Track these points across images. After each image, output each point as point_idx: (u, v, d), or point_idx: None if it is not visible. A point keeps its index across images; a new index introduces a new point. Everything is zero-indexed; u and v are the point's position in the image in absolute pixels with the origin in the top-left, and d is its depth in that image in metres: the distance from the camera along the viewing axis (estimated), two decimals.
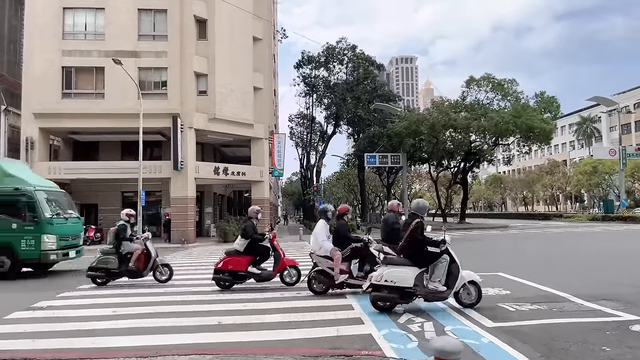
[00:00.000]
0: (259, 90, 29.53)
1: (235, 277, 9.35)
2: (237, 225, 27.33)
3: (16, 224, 12.04)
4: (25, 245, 11.97)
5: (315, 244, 8.76)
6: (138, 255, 10.20)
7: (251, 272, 9.33)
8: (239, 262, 9.33)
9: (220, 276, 9.34)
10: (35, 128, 24.71)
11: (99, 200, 28.68)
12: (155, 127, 25.18)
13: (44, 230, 12.14)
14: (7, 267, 11.90)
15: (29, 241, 12.00)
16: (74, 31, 25.29)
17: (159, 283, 10.27)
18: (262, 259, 9.65)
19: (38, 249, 12.03)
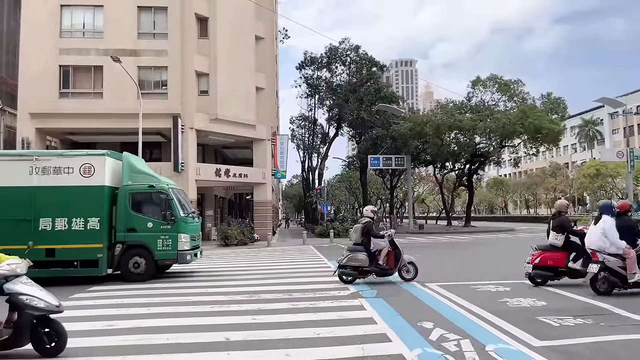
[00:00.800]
0: (261, 91, 28.85)
1: (556, 273, 9.12)
2: (239, 229, 26.62)
3: (152, 223, 11.50)
4: (162, 245, 11.47)
5: (600, 241, 8.12)
6: (387, 253, 10.02)
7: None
8: (558, 258, 9.14)
9: (540, 272, 9.13)
10: (32, 128, 23.97)
11: None
12: (155, 127, 24.45)
13: (180, 229, 11.65)
14: (143, 268, 11.31)
15: (166, 241, 11.50)
16: (71, 29, 24.61)
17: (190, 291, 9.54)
18: (578, 255, 9.22)
19: (175, 249, 11.53)
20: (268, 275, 11.76)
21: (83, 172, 11.21)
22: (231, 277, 11.71)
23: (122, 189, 11.70)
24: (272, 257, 17.95)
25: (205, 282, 10.87)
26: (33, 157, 11.30)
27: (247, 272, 12.67)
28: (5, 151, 21.18)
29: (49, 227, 11.02)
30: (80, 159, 11.33)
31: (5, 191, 10.97)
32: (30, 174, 11.08)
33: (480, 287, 9.13)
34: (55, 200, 11.04)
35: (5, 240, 9.94)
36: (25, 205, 10.96)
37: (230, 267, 14.33)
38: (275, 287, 9.71)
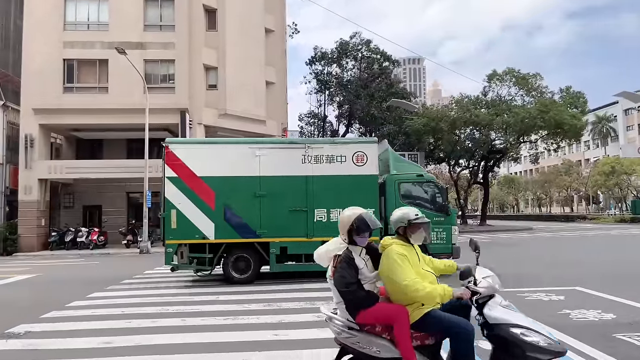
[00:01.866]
0: (271, 85, 27.87)
1: None
2: None
3: (425, 214, 10.45)
4: (437, 238, 10.74)
5: None
6: None
7: None
8: None
9: None
10: (35, 124, 23.17)
11: (103, 201, 27.09)
12: (162, 123, 23.58)
13: (452, 221, 11.03)
14: None
15: (440, 234, 10.80)
16: (75, 22, 23.77)
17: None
18: None
19: (449, 242, 10.84)
20: (283, 278, 10.74)
21: (356, 161, 10.69)
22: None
23: (389, 178, 11.06)
24: None
25: (214, 288, 9.88)
26: (306, 145, 10.82)
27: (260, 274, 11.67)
28: (278, 139, 21.03)
29: (324, 218, 10.49)
30: (352, 146, 10.86)
31: (280, 181, 10.45)
32: (303, 162, 10.58)
33: (528, 296, 8.05)
34: (329, 190, 10.53)
35: (282, 232, 10.16)
36: (301, 196, 10.46)
37: None
38: (294, 294, 8.70)
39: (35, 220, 22.98)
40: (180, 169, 10.27)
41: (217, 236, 10.19)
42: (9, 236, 22.55)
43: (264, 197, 10.29)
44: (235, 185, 10.34)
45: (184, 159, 10.32)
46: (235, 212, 10.27)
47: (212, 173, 10.33)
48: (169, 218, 10.17)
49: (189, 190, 10.22)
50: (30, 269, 15.08)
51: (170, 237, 10.16)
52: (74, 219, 26.53)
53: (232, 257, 10.35)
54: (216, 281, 10.90)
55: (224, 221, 10.23)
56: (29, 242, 22.71)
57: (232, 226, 10.25)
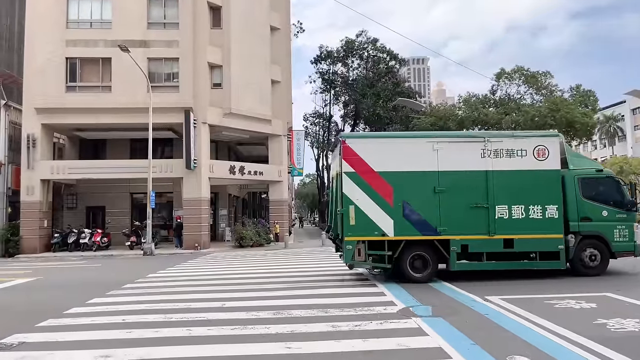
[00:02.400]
0: (276, 84, 27.38)
1: None
2: (254, 229, 25.23)
3: (606, 211, 10.45)
4: (619, 236, 10.39)
5: None
6: None
7: None
8: None
9: None
10: (37, 124, 22.80)
11: (106, 202, 26.74)
12: (166, 122, 23.18)
13: (634, 218, 10.67)
14: (598, 261, 10.37)
15: (622, 231, 10.43)
16: (78, 19, 23.34)
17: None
18: None
19: (631, 241, 10.43)
20: (293, 284, 10.26)
21: (537, 155, 10.33)
22: (250, 286, 10.23)
23: (568, 173, 10.65)
24: (293, 260, 16.46)
25: (221, 294, 9.39)
26: (485, 139, 10.43)
27: (268, 279, 11.19)
28: (456, 132, 20.63)
29: (506, 214, 10.14)
30: (533, 140, 10.46)
31: (459, 176, 10.17)
32: (482, 157, 10.24)
33: (557, 303, 7.52)
34: (510, 185, 10.19)
35: (462, 229, 9.91)
36: (481, 191, 10.15)
37: (248, 272, 12.86)
38: (305, 301, 8.21)
39: (37, 221, 22.60)
40: (358, 164, 10.07)
41: (396, 233, 9.96)
42: (11, 238, 22.18)
43: (444, 193, 10.05)
44: (414, 180, 10.12)
45: (361, 154, 10.12)
46: (414, 209, 10.05)
47: (390, 168, 10.12)
48: (347, 214, 9.92)
49: (366, 186, 10.01)
50: (31, 271, 14.67)
51: (349, 233, 9.92)
52: (77, 220, 26.18)
53: (409, 254, 10.05)
54: (220, 285, 10.44)
55: (402, 218, 10.00)
56: (31, 244, 22.34)
57: (412, 223, 10.02)
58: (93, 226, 25.67)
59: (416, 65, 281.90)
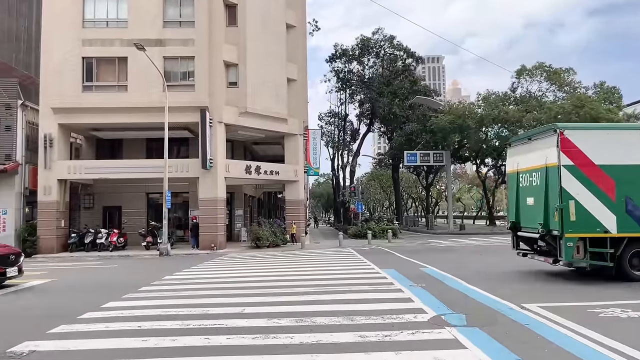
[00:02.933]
0: (292, 82, 27.02)
1: None
2: (271, 229, 24.91)
3: None
4: None
5: None
6: None
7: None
8: None
9: None
10: (54, 124, 22.80)
11: (122, 202, 26.71)
12: (181, 121, 22.99)
13: None
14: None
15: None
16: (94, 19, 23.29)
17: None
18: None
19: None
20: (315, 288, 9.83)
21: None
22: (269, 290, 9.83)
23: None
24: (311, 261, 16.05)
25: (239, 298, 9.01)
26: None
27: (288, 282, 10.78)
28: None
29: None
30: None
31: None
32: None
33: (602, 312, 6.97)
34: None
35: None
36: None
37: (266, 275, 12.47)
38: (329, 307, 7.77)
39: (54, 221, 22.60)
40: (577, 157, 9.70)
41: (619, 230, 9.52)
42: (28, 238, 22.18)
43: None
44: (637, 174, 9.69)
45: (580, 145, 9.73)
46: (637, 204, 9.63)
47: (611, 161, 9.72)
48: (567, 209, 9.51)
49: (586, 180, 9.63)
50: (47, 272, 14.52)
51: (569, 230, 9.49)
52: (93, 220, 26.20)
53: (629, 252, 9.65)
54: (238, 288, 10.06)
55: (625, 213, 9.58)
56: (49, 244, 22.33)
57: (635, 219, 9.58)
58: (109, 226, 25.63)
59: (431, 64, 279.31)
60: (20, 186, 22.75)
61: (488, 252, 18.13)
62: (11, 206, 22.36)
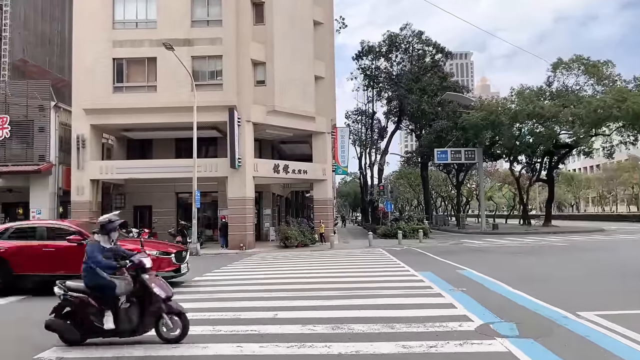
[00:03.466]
0: (320, 80, 26.67)
1: None
2: (299, 229, 24.62)
3: None
4: None
5: None
6: None
7: None
8: None
9: None
10: (86, 125, 23.14)
11: (153, 201, 26.94)
12: (210, 121, 22.97)
13: None
14: None
15: None
16: (124, 20, 23.53)
17: None
18: None
19: None
20: (349, 291, 9.42)
21: None
22: (302, 293, 9.46)
23: None
24: (342, 262, 15.65)
25: (271, 301, 8.68)
26: None
27: (320, 285, 10.40)
28: None
29: None
30: None
31: None
32: None
33: None
34: None
35: None
36: None
37: (297, 276, 12.13)
38: (366, 313, 7.35)
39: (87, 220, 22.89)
40: None
41: None
42: None
43: None
44: None
45: None
46: None
47: None
48: None
49: None
50: None
51: None
52: (125, 219, 26.32)
53: None
54: (270, 291, 9.75)
55: None
56: None
57: None
58: (140, 225, 25.81)
59: (459, 61, 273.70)
60: (54, 186, 23.18)
61: (526, 253, 17.31)
62: (45, 206, 22.80)
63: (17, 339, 6.56)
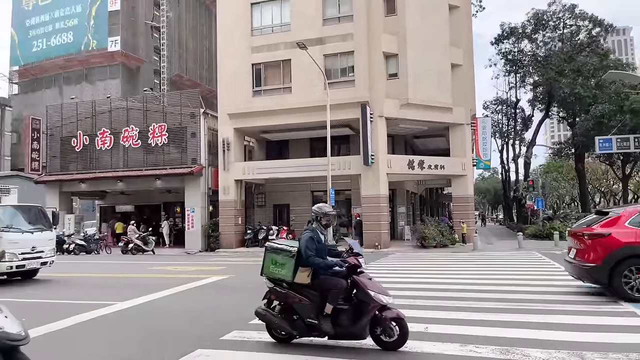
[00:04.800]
0: (457, 68, 24.74)
1: None
2: (437, 228, 23.13)
3: None
4: None
5: None
6: None
7: None
8: None
9: None
10: (230, 129, 24.68)
11: (290, 200, 27.80)
12: (342, 119, 22.74)
13: None
14: None
15: None
16: (261, 26, 24.57)
17: None
18: None
19: None
20: (510, 303, 8.02)
21: None
22: (454, 302, 8.32)
23: None
24: (493, 266, 13.99)
25: (420, 311, 7.71)
26: None
27: (472, 293, 9.13)
28: None
29: None
30: None
31: None
32: None
33: None
34: None
35: None
36: None
37: (443, 282, 10.97)
38: (540, 333, 6.00)
39: (232, 218, 24.47)
40: None
41: None
42: (212, 234, 24.45)
43: None
44: None
45: None
46: None
47: None
48: None
49: None
50: (226, 268, 15.33)
51: None
52: (265, 217, 27.80)
53: None
54: (416, 297, 8.80)
55: None
56: (228, 239, 24.25)
57: None
58: (279, 223, 26.84)
59: (616, 37, 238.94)
60: (204, 187, 25.18)
61: None
62: (198, 205, 24.87)
63: None
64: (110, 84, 41.41)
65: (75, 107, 28.44)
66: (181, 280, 11.82)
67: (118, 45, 40.92)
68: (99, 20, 41.92)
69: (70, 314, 7.78)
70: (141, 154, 25.97)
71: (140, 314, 8.13)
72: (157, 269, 15.42)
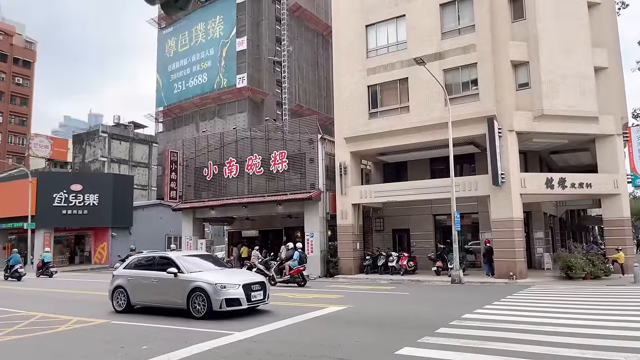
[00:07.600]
0: (601, 71, 21.56)
1: None
2: (586, 257, 19.87)
3: None
4: None
5: None
6: None
7: None
8: None
9: None
10: (347, 152, 24.41)
11: (410, 224, 26.44)
12: (466, 136, 21.08)
13: None
14: None
15: None
16: (376, 47, 24.12)
17: None
18: None
19: None
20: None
21: None
22: (623, 355, 6.52)
23: None
24: None
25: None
26: None
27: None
28: None
29: None
30: None
31: None
32: None
33: None
34: None
35: None
36: None
37: (603, 325, 8.89)
38: None
39: (351, 244, 23.89)
40: None
41: None
42: (331, 259, 24.09)
43: None
44: None
45: None
46: None
47: None
48: None
49: None
50: (344, 297, 14.64)
51: None
52: (384, 242, 26.75)
53: None
54: (574, 347, 7.09)
55: None
56: (347, 265, 23.69)
57: None
58: (399, 249, 25.60)
59: None
60: (322, 211, 25.09)
61: None
62: (316, 230, 24.82)
63: None
64: (238, 117, 44.64)
65: (207, 140, 30.79)
66: (298, 310, 11.38)
67: (245, 82, 44.09)
68: (228, 60, 45.76)
69: (200, 341, 7.66)
70: (263, 180, 26.94)
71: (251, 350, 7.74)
72: (274, 295, 15.32)
